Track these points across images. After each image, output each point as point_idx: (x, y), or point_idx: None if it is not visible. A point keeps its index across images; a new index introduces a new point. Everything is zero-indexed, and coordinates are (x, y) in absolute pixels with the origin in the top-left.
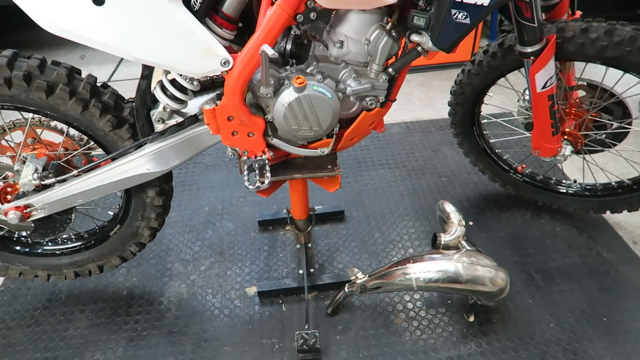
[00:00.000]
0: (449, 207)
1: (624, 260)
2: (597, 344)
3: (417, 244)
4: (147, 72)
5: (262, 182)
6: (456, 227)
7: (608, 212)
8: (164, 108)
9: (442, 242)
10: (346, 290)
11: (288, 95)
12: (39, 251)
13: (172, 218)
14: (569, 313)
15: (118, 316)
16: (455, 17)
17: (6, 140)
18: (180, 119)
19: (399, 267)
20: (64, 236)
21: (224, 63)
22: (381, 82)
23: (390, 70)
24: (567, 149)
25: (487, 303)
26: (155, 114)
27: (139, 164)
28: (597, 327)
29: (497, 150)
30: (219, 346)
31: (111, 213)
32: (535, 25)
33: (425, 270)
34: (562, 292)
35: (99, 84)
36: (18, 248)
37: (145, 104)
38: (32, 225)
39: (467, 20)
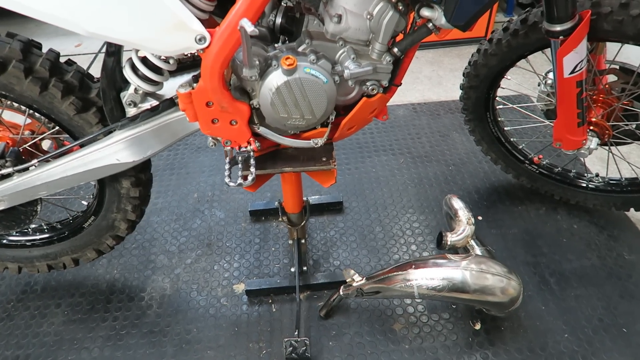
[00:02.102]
0: (457, 203)
1: None
2: (616, 359)
3: (421, 240)
4: (114, 47)
5: (245, 179)
6: (464, 225)
7: (632, 209)
8: (136, 90)
9: (449, 243)
10: (341, 292)
11: (276, 78)
12: (4, 242)
13: (158, 205)
14: (585, 322)
15: (96, 312)
16: None
17: None
18: (154, 103)
19: (400, 272)
20: (34, 227)
21: (200, 40)
22: (385, 64)
23: (395, 50)
24: (593, 142)
25: (497, 314)
26: (125, 96)
27: (107, 153)
28: (616, 338)
29: (511, 139)
30: (202, 349)
31: (85, 203)
32: None
33: (429, 277)
34: (578, 298)
35: (63, 61)
36: None
37: (114, 84)
38: None
39: None
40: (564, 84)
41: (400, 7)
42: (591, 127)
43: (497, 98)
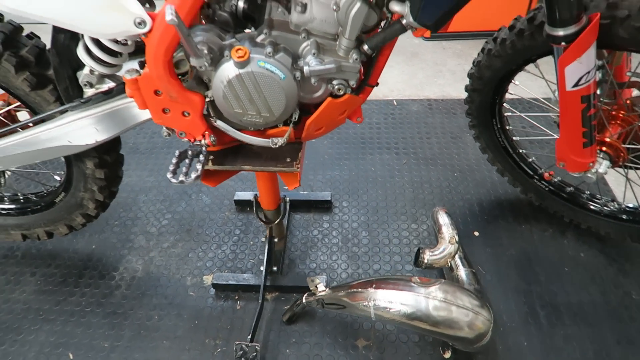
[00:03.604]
0: (443, 218)
1: None
2: None
3: (407, 252)
4: None
5: (187, 177)
6: (446, 244)
7: None
8: (91, 71)
9: (425, 261)
10: (304, 301)
11: (227, 70)
12: None
13: (148, 183)
14: None
15: (66, 285)
16: None
17: None
18: (112, 85)
19: (360, 289)
20: (8, 196)
21: (139, 24)
22: (351, 62)
23: (365, 47)
24: (603, 165)
25: (463, 349)
26: (81, 76)
27: (58, 134)
28: None
29: (520, 151)
30: (159, 338)
31: (58, 179)
32: None
33: (388, 300)
34: (567, 338)
35: (24, 35)
36: None
37: (69, 62)
38: None
39: None
40: (566, 97)
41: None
42: (603, 148)
43: (504, 104)
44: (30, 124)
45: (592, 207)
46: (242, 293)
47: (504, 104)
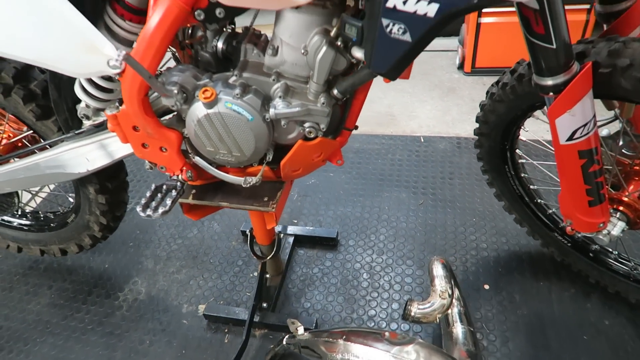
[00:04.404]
0: (437, 270)
1: None
2: None
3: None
4: None
5: (155, 212)
6: (436, 298)
7: None
8: (87, 104)
9: (412, 314)
10: (284, 343)
11: (197, 110)
12: (6, 222)
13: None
14: None
15: (76, 301)
16: (389, 30)
17: None
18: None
19: (332, 339)
20: (30, 212)
21: (112, 65)
22: (319, 105)
23: (335, 91)
24: (617, 227)
25: None
26: (79, 109)
27: (54, 162)
28: None
29: (538, 200)
30: None
31: (71, 200)
32: (554, 46)
33: (355, 354)
34: None
35: (36, 68)
36: None
37: (68, 95)
38: None
39: (407, 37)
40: (561, 151)
41: (339, 44)
42: (620, 208)
43: (516, 150)
44: (36, 151)
45: (620, 269)
46: (232, 327)
47: (517, 150)
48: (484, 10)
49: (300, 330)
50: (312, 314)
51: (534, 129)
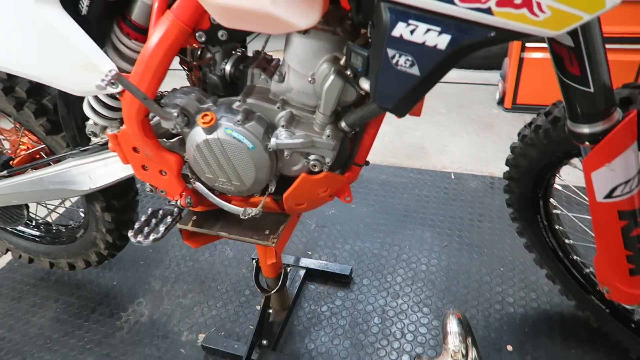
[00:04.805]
0: (452, 325)
1: None
2: None
3: (420, 352)
4: None
5: (145, 239)
6: (447, 358)
7: None
8: (95, 122)
9: None
10: None
11: (197, 134)
12: (18, 232)
13: None
14: None
15: (79, 318)
16: (395, 61)
17: None
18: None
19: None
20: (43, 224)
21: (112, 84)
22: (324, 138)
23: (342, 124)
24: None
25: None
26: (87, 125)
27: (58, 178)
28: None
29: (574, 257)
30: None
31: (82, 215)
32: (591, 89)
33: None
34: None
35: None
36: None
37: (76, 112)
38: None
39: (415, 71)
40: (598, 210)
41: (348, 73)
42: None
43: (550, 199)
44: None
45: None
46: None
47: (551, 199)
48: (528, 44)
49: None
50: (314, 357)
51: (571, 177)
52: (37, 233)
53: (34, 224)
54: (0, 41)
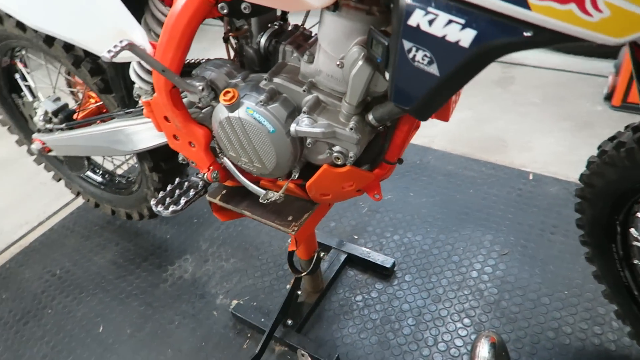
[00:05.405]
0: (483, 350)
1: None
2: None
3: None
4: None
5: (165, 209)
6: None
7: None
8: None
9: None
10: None
11: (220, 111)
12: (86, 178)
13: None
14: None
15: (132, 264)
16: (412, 56)
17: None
18: None
19: None
20: (108, 174)
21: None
22: (347, 130)
23: (370, 117)
24: None
25: None
26: (134, 89)
27: (104, 136)
28: None
29: None
30: (167, 344)
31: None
32: None
33: None
34: None
35: None
36: None
37: (125, 74)
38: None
39: (434, 70)
40: None
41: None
42: None
43: (631, 230)
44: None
45: None
46: (255, 334)
47: (631, 229)
48: None
49: None
50: (337, 347)
51: None
52: (102, 181)
53: (100, 172)
54: (42, 4)
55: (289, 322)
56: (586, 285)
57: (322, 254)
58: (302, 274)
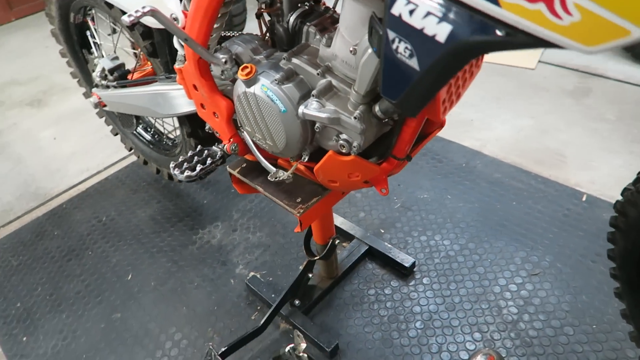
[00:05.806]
0: None
1: None
2: None
3: None
4: None
5: (181, 174)
6: None
7: None
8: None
9: None
10: (286, 350)
11: (239, 85)
12: (138, 135)
13: None
14: None
15: (168, 222)
16: (395, 47)
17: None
18: None
19: None
20: (156, 132)
21: (174, 19)
22: (352, 119)
23: (376, 109)
24: None
25: None
26: (178, 55)
27: (147, 98)
28: None
29: None
30: (183, 303)
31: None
32: None
33: None
34: None
35: None
36: None
37: (170, 40)
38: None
39: (414, 64)
40: None
41: None
42: None
43: None
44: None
45: None
46: (265, 308)
47: None
48: None
49: (303, 346)
50: (340, 335)
51: None
52: (151, 140)
53: (152, 131)
54: None
55: (297, 302)
56: (619, 323)
57: (337, 241)
58: (315, 258)
